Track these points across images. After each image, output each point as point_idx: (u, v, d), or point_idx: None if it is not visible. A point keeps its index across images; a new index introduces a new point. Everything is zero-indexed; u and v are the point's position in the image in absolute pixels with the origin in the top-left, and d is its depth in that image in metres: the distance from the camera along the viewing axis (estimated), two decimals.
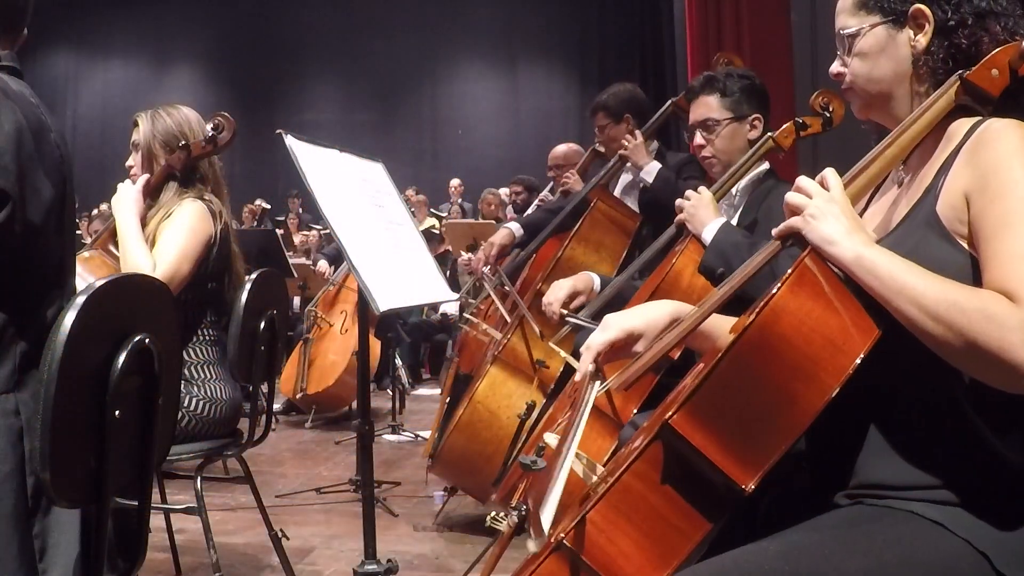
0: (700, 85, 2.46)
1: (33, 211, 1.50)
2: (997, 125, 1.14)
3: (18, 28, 1.64)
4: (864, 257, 1.09)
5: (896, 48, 1.27)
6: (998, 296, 1.03)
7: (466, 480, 3.20)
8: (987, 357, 1.02)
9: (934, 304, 1.04)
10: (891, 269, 1.08)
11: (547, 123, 11.73)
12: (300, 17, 12.35)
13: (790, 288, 1.07)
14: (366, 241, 2.06)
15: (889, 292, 1.07)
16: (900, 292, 1.06)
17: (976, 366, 1.05)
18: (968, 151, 1.14)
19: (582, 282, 2.60)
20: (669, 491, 1.07)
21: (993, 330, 1.01)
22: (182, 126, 2.47)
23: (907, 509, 1.11)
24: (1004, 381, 1.03)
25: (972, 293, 1.05)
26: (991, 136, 1.13)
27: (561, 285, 2.58)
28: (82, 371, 1.25)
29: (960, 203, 1.13)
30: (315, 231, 8.71)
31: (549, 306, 2.56)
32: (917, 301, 1.05)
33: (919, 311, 1.05)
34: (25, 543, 1.44)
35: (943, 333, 1.04)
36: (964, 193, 1.13)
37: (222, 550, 2.59)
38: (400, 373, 5.95)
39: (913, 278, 1.06)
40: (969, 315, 1.02)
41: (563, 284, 2.58)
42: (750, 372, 1.05)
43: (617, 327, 1.41)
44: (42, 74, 12.38)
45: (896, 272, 1.07)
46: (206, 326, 2.45)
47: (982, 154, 1.12)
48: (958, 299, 1.04)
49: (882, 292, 1.08)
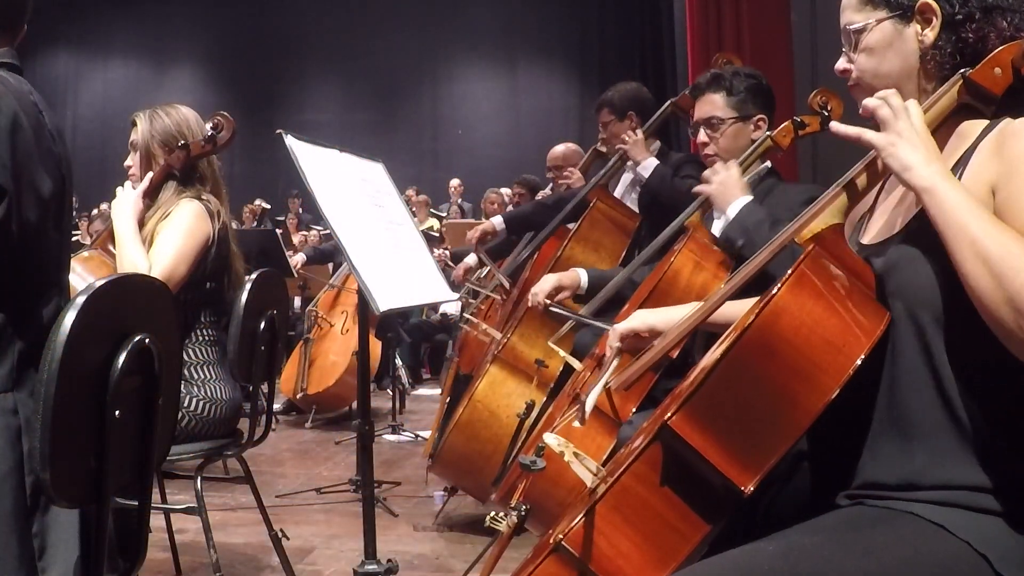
0: (706, 82, 2.46)
1: (30, 209, 1.49)
2: (1019, 121, 1.14)
3: (18, 26, 1.63)
4: (937, 188, 1.09)
5: (903, 43, 1.26)
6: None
7: (466, 480, 3.20)
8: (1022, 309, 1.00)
9: (987, 248, 1.03)
10: (958, 206, 1.07)
11: (547, 123, 11.72)
12: (300, 17, 12.35)
13: (790, 289, 1.07)
14: (366, 241, 2.06)
15: (951, 229, 1.07)
16: (961, 230, 1.06)
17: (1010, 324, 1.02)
18: (993, 144, 1.15)
19: (568, 278, 2.73)
20: (668, 492, 1.07)
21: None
22: (180, 126, 2.47)
23: (908, 510, 1.11)
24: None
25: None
26: (1017, 130, 1.13)
27: (548, 279, 2.72)
28: (82, 371, 1.25)
29: (985, 195, 1.13)
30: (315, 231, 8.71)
31: (535, 296, 2.69)
32: (973, 242, 1.04)
33: (971, 251, 1.04)
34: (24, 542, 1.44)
35: (986, 281, 1.03)
36: (990, 185, 1.13)
37: (222, 550, 2.59)
38: (400, 373, 5.95)
39: (976, 219, 1.06)
40: (1018, 268, 1.01)
41: (550, 278, 2.72)
42: (750, 373, 1.05)
43: (641, 320, 1.63)
44: (42, 74, 12.38)
45: (962, 210, 1.07)
46: (205, 326, 2.45)
47: (1010, 145, 1.13)
48: (1013, 250, 1.03)
49: (944, 228, 1.07)
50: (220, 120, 2.47)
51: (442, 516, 3.49)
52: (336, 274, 6.27)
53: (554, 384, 2.97)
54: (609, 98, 3.62)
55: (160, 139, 2.46)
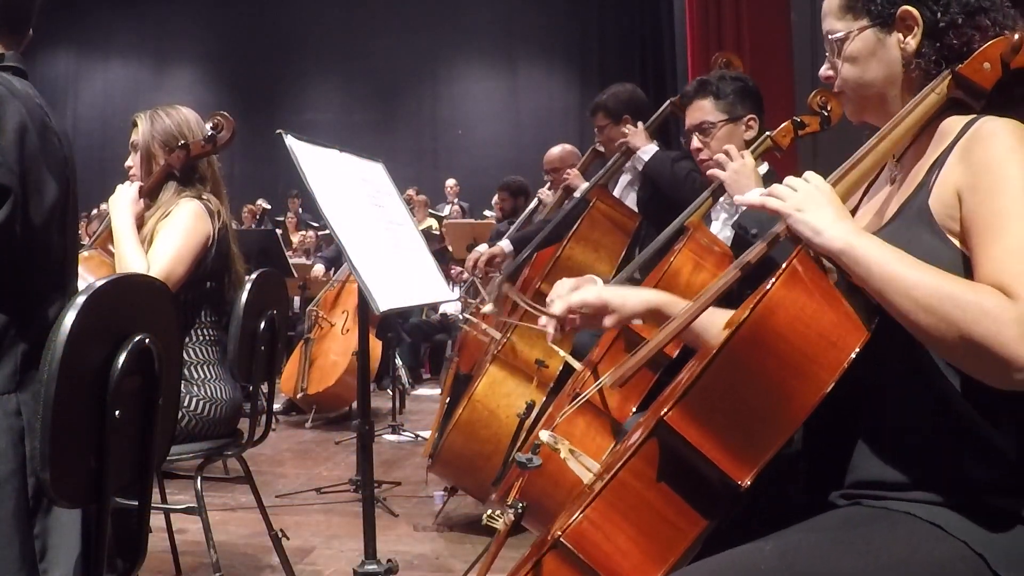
0: (693, 90, 2.49)
1: (35, 211, 1.50)
2: (992, 124, 1.13)
3: (24, 29, 1.64)
4: (854, 246, 1.08)
5: (886, 51, 1.25)
6: (993, 291, 1.02)
7: (466, 480, 3.20)
8: (981, 352, 1.00)
9: (926, 296, 1.03)
10: (881, 259, 1.06)
11: (547, 123, 11.72)
12: (300, 17, 12.34)
13: (784, 283, 1.07)
14: (366, 241, 2.06)
15: (880, 283, 1.06)
16: (891, 283, 1.05)
17: (969, 361, 1.03)
18: (962, 148, 1.14)
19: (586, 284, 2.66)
20: (665, 488, 1.07)
21: (989, 324, 0.99)
22: (181, 126, 2.48)
23: (904, 510, 1.11)
24: (997, 377, 1.02)
25: (967, 286, 1.04)
26: (985, 134, 1.12)
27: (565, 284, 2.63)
28: (82, 371, 1.25)
29: (952, 200, 1.13)
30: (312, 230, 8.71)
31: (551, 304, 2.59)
32: (909, 293, 1.04)
33: (911, 303, 1.03)
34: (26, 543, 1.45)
35: (936, 326, 1.02)
36: (956, 190, 1.12)
37: (222, 550, 2.60)
38: (400, 373, 5.96)
39: (904, 268, 1.05)
40: (964, 309, 1.01)
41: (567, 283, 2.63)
42: (745, 368, 1.06)
43: (595, 293, 1.55)
44: (43, 74, 12.38)
45: (887, 262, 1.06)
46: (206, 326, 2.46)
47: (976, 152, 1.12)
48: (952, 292, 1.02)
49: (872, 283, 1.06)
50: (220, 120, 2.47)
51: (442, 516, 3.49)
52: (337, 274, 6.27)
53: (554, 384, 2.97)
54: (603, 102, 3.62)
55: (161, 139, 2.47)
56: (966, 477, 1.11)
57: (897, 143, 1.21)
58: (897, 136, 1.20)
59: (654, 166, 3.21)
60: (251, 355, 2.40)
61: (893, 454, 1.15)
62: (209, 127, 2.48)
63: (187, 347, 2.40)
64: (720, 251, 2.33)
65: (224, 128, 2.47)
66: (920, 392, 1.15)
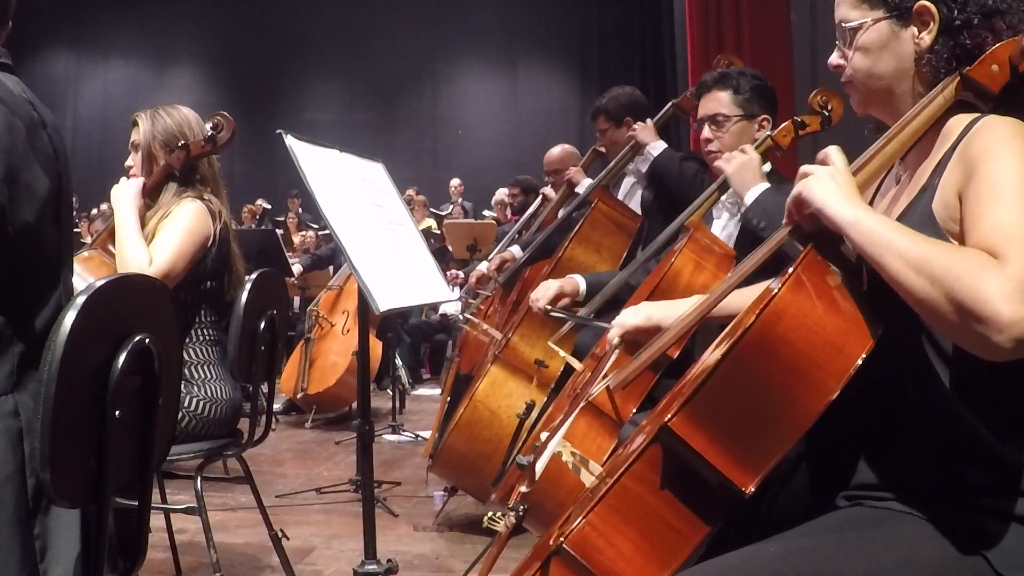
0: (713, 80, 2.48)
1: (27, 210, 1.48)
2: (989, 121, 1.13)
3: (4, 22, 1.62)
4: (860, 219, 1.08)
5: (899, 45, 1.24)
6: (979, 251, 1.02)
7: (466, 480, 3.20)
8: (964, 309, 0.98)
9: (917, 257, 1.03)
10: (881, 227, 1.07)
11: (547, 123, 11.72)
12: (300, 17, 12.34)
13: (790, 289, 1.06)
14: (366, 241, 2.06)
15: (878, 249, 1.06)
16: (888, 247, 1.05)
17: (958, 326, 1.00)
18: (961, 149, 1.14)
19: (569, 285, 2.76)
20: (668, 494, 1.07)
21: (969, 280, 0.98)
22: (181, 126, 2.47)
23: (908, 511, 1.11)
24: (984, 342, 0.98)
25: (955, 249, 1.05)
26: (981, 131, 1.13)
27: (549, 285, 2.74)
28: (82, 371, 1.25)
29: (953, 201, 1.12)
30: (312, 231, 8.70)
31: (536, 302, 2.71)
32: (902, 254, 1.04)
33: (903, 263, 1.03)
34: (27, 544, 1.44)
35: (924, 287, 1.01)
36: (957, 192, 1.12)
37: (222, 550, 2.59)
38: (400, 373, 5.95)
39: (900, 235, 1.06)
40: (948, 266, 1.00)
41: (551, 284, 2.75)
42: (750, 374, 1.05)
43: (644, 314, 1.70)
44: (42, 74, 12.38)
45: (886, 230, 1.07)
46: (206, 326, 2.45)
47: (971, 145, 1.12)
48: (940, 251, 1.03)
49: (871, 250, 1.06)
50: (220, 120, 2.47)
51: (442, 516, 3.49)
52: (336, 275, 6.26)
53: (554, 384, 2.97)
54: (604, 106, 3.62)
55: (161, 139, 2.46)
56: (969, 479, 1.11)
57: (904, 144, 1.20)
58: (904, 138, 1.19)
59: (662, 162, 3.22)
60: (251, 355, 2.39)
61: (896, 457, 1.15)
62: (209, 127, 2.48)
63: (187, 347, 2.40)
64: (721, 252, 2.32)
65: (224, 128, 2.47)
66: (923, 396, 1.14)
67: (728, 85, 2.44)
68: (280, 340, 2.55)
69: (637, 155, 3.39)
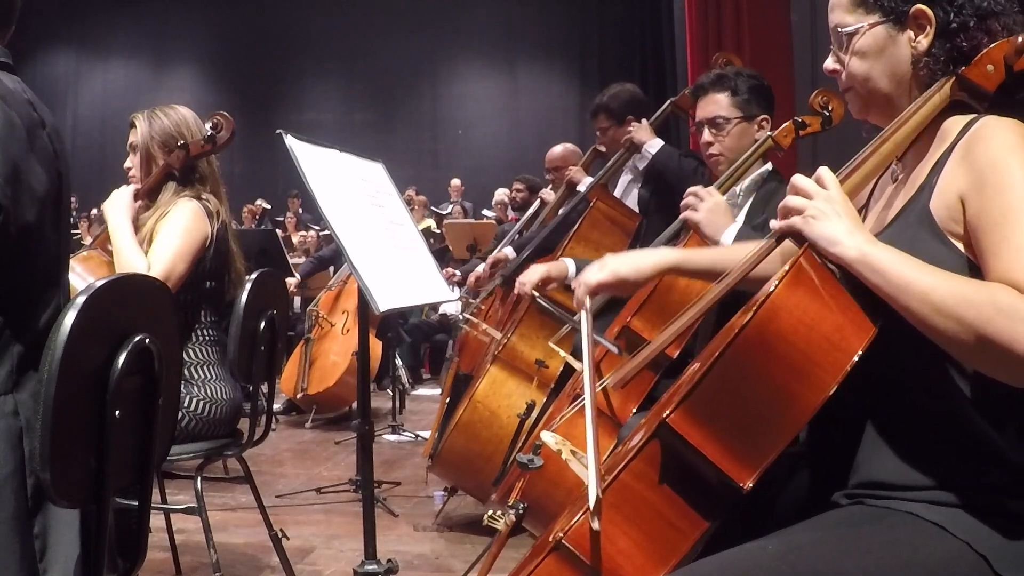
0: (711, 82, 2.46)
1: (28, 211, 1.49)
2: (990, 123, 1.13)
3: (8, 23, 1.62)
4: (868, 255, 1.08)
5: (896, 49, 1.24)
6: (1007, 288, 1.02)
7: (466, 480, 3.20)
8: (998, 350, 0.99)
9: (942, 299, 1.02)
10: (896, 267, 1.06)
11: (547, 123, 11.72)
12: (300, 17, 12.34)
13: (787, 285, 1.07)
14: (366, 241, 2.06)
15: (895, 290, 1.05)
16: (907, 289, 1.04)
17: (987, 360, 1.03)
18: (961, 150, 1.13)
19: (556, 269, 2.68)
20: (667, 490, 1.07)
21: (1004, 322, 0.98)
22: (180, 126, 2.47)
23: (907, 510, 1.11)
24: (1016, 375, 1.01)
25: (980, 286, 1.03)
26: (984, 134, 1.12)
27: (536, 269, 2.67)
28: (82, 371, 1.25)
29: (955, 203, 1.12)
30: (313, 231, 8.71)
31: (522, 285, 2.64)
32: (925, 297, 1.03)
33: (927, 307, 1.03)
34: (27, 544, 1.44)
35: (953, 328, 1.02)
36: (959, 193, 1.12)
37: (222, 550, 2.59)
38: (400, 373, 5.95)
39: (919, 274, 1.05)
40: (979, 308, 1.00)
41: (538, 268, 2.68)
42: (748, 370, 1.05)
43: (608, 270, 1.63)
44: (42, 74, 12.38)
45: (902, 269, 1.06)
46: (206, 326, 2.45)
47: (976, 153, 1.11)
48: (966, 293, 1.02)
49: (888, 290, 1.06)
50: (219, 120, 2.47)
51: (442, 516, 3.49)
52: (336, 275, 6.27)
53: (554, 384, 2.97)
54: (605, 104, 3.61)
55: (159, 140, 2.46)
56: (969, 478, 1.11)
57: (900, 145, 1.20)
58: (900, 138, 1.19)
59: (661, 158, 3.22)
60: (251, 355, 2.39)
61: (897, 455, 1.15)
62: (208, 127, 2.48)
63: (187, 347, 2.40)
64: None
65: (224, 128, 2.47)
66: (924, 394, 1.14)
67: (726, 87, 2.42)
68: (280, 340, 2.55)
69: (634, 154, 3.39)
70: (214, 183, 2.54)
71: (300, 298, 6.62)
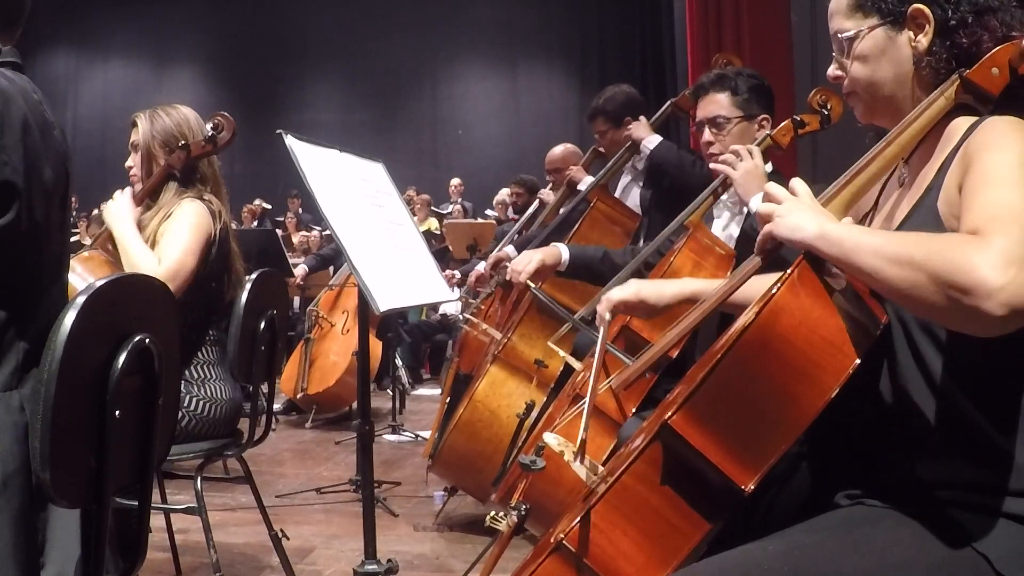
0: (711, 82, 2.46)
1: (38, 207, 1.50)
2: (992, 120, 1.13)
3: (17, 24, 1.63)
4: (827, 231, 1.07)
5: (897, 50, 1.24)
6: (962, 235, 1.02)
7: (466, 480, 3.20)
8: (949, 285, 0.96)
9: (893, 250, 1.01)
10: (851, 233, 1.06)
11: (547, 123, 11.73)
12: (300, 17, 12.35)
13: (789, 288, 1.06)
14: (366, 241, 2.06)
15: (851, 254, 1.04)
16: (858, 249, 1.03)
17: (942, 303, 0.98)
18: (964, 149, 1.14)
19: (551, 255, 2.69)
20: (669, 492, 1.07)
21: (952, 255, 0.96)
22: (181, 126, 2.47)
23: (908, 510, 1.11)
24: (972, 314, 0.96)
25: (933, 235, 1.04)
26: (983, 128, 1.13)
27: (531, 256, 2.67)
28: (82, 371, 1.25)
29: (956, 198, 1.12)
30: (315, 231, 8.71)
31: (516, 273, 2.64)
32: (877, 250, 1.02)
33: (879, 260, 1.01)
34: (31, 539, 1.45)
35: (907, 276, 0.99)
36: (958, 186, 1.12)
37: (222, 550, 2.59)
38: (400, 373, 5.95)
39: (871, 236, 1.05)
40: (928, 248, 0.99)
41: (532, 255, 2.67)
42: (750, 372, 1.05)
43: (632, 291, 1.67)
44: (42, 74, 12.36)
45: (856, 235, 1.06)
46: (206, 326, 2.45)
47: (971, 140, 1.12)
48: (917, 239, 1.02)
49: (845, 257, 1.05)
50: (220, 120, 2.47)
51: (442, 516, 3.49)
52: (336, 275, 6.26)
53: (554, 384, 2.96)
54: (601, 107, 3.61)
55: (161, 139, 2.46)
56: (970, 478, 1.11)
57: (905, 147, 1.20)
58: (905, 140, 1.19)
59: (661, 152, 3.22)
60: (251, 355, 2.39)
61: (897, 456, 1.15)
62: (209, 127, 2.48)
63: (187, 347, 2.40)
64: (721, 252, 2.32)
65: (224, 128, 2.47)
66: (925, 394, 1.14)
67: (726, 86, 2.42)
68: (280, 340, 2.55)
69: (635, 154, 3.39)
70: (215, 183, 2.54)
71: (300, 298, 6.61)
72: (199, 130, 2.48)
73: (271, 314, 2.44)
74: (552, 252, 2.71)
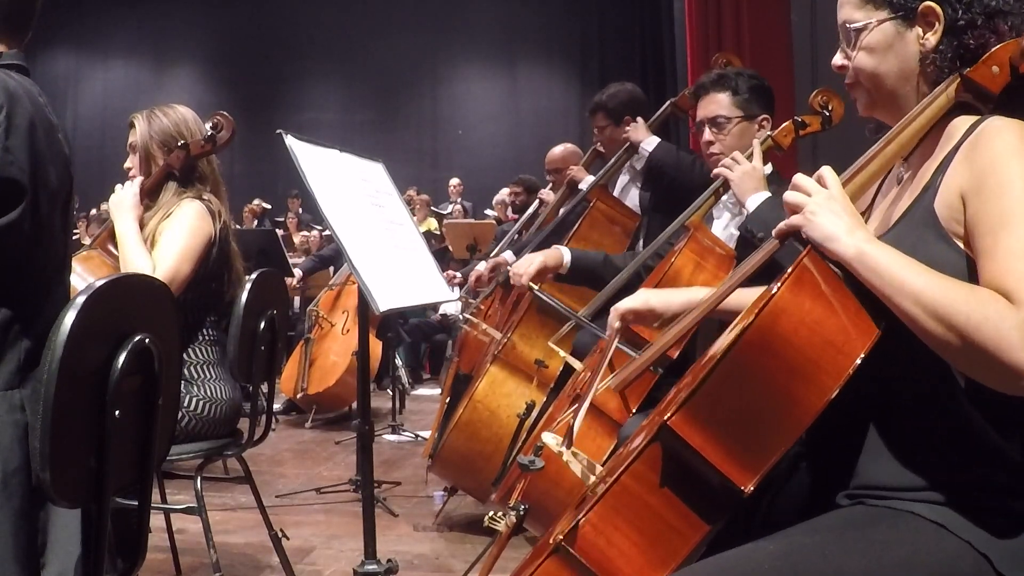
0: (711, 82, 2.46)
1: (43, 208, 1.51)
2: (996, 123, 1.13)
3: (25, 28, 1.65)
4: (866, 253, 1.08)
5: (904, 46, 1.24)
6: (996, 295, 1.02)
7: (466, 480, 3.20)
8: (984, 357, 1.00)
9: (933, 301, 1.03)
10: (892, 266, 1.07)
11: (547, 123, 11.73)
12: (300, 17, 12.35)
13: (789, 288, 1.06)
14: (366, 241, 2.06)
15: (890, 289, 1.06)
16: (900, 289, 1.05)
17: (973, 366, 1.04)
18: (966, 149, 1.13)
19: (552, 257, 2.71)
20: (668, 492, 1.07)
21: (991, 330, 0.99)
22: (179, 126, 2.47)
23: (908, 510, 1.11)
24: (1001, 382, 1.02)
25: (971, 292, 1.04)
26: (988, 134, 1.12)
27: (533, 258, 2.69)
28: (82, 371, 1.25)
29: (956, 202, 1.12)
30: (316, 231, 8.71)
31: (518, 276, 2.66)
32: (917, 298, 1.04)
33: (919, 308, 1.04)
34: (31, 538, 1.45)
35: (942, 332, 1.03)
36: (960, 192, 1.12)
37: (222, 550, 2.59)
38: (400, 373, 5.95)
39: (913, 275, 1.06)
40: (968, 315, 1.01)
41: (535, 257, 2.70)
42: (749, 373, 1.05)
43: (641, 300, 1.66)
44: (42, 74, 12.35)
45: (897, 269, 1.06)
46: (206, 326, 2.45)
47: (979, 152, 1.11)
48: (957, 298, 1.03)
49: (883, 289, 1.07)
50: (220, 120, 2.47)
51: (442, 516, 3.49)
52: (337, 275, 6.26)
53: (554, 384, 2.97)
54: (603, 103, 3.60)
55: (159, 140, 2.46)
56: (970, 478, 1.11)
57: (905, 146, 1.20)
58: (905, 139, 1.19)
59: (659, 153, 3.22)
60: (251, 355, 2.39)
61: (898, 455, 1.15)
62: (209, 127, 2.47)
63: (187, 347, 2.40)
64: (721, 252, 2.33)
65: (224, 128, 2.46)
66: (926, 394, 1.14)
67: (727, 86, 2.42)
68: (280, 340, 2.55)
69: (633, 154, 3.39)
70: (214, 183, 2.53)
71: (300, 298, 6.60)
72: (198, 130, 2.48)
73: (271, 314, 2.44)
74: (554, 254, 2.72)
